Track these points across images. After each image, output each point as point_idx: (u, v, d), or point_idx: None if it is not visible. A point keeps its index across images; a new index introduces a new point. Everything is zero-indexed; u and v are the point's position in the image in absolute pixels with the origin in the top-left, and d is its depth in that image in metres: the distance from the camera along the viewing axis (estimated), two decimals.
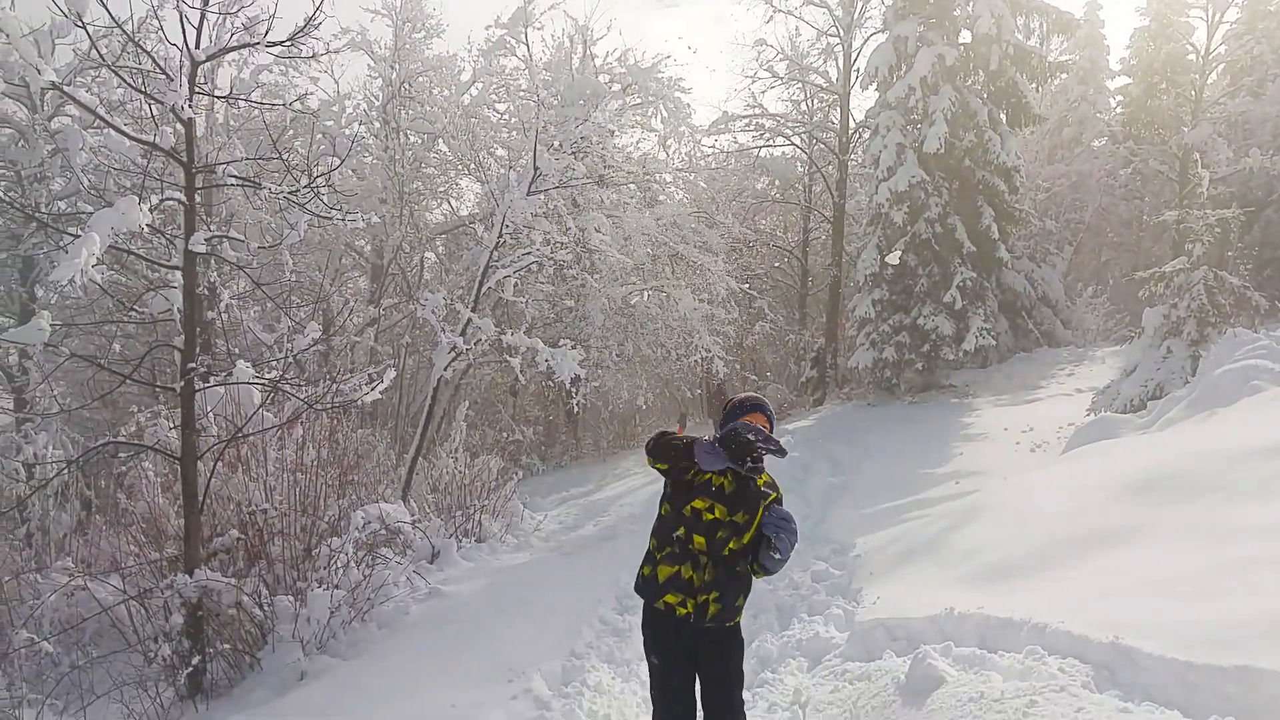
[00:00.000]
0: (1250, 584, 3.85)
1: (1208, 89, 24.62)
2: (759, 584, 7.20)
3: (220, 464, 6.83)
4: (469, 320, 10.47)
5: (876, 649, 5.04)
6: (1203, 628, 3.59)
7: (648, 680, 4.98)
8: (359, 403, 8.04)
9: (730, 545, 3.21)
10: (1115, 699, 3.40)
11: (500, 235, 11.16)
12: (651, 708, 3.51)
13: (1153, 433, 8.31)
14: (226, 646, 6.13)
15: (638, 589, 3.39)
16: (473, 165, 17.50)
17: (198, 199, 6.68)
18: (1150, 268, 13.76)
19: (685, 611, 3.20)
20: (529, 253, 11.44)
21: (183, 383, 6.21)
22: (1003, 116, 18.10)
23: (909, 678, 4.20)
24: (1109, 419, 9.97)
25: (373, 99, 17.72)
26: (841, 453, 12.75)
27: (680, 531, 3.22)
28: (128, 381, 6.95)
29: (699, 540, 3.20)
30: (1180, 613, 3.84)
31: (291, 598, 6.31)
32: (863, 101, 21.75)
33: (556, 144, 12.99)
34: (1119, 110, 27.19)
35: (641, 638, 3.50)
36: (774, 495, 3.40)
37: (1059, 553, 5.25)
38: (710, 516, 3.20)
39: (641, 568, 3.40)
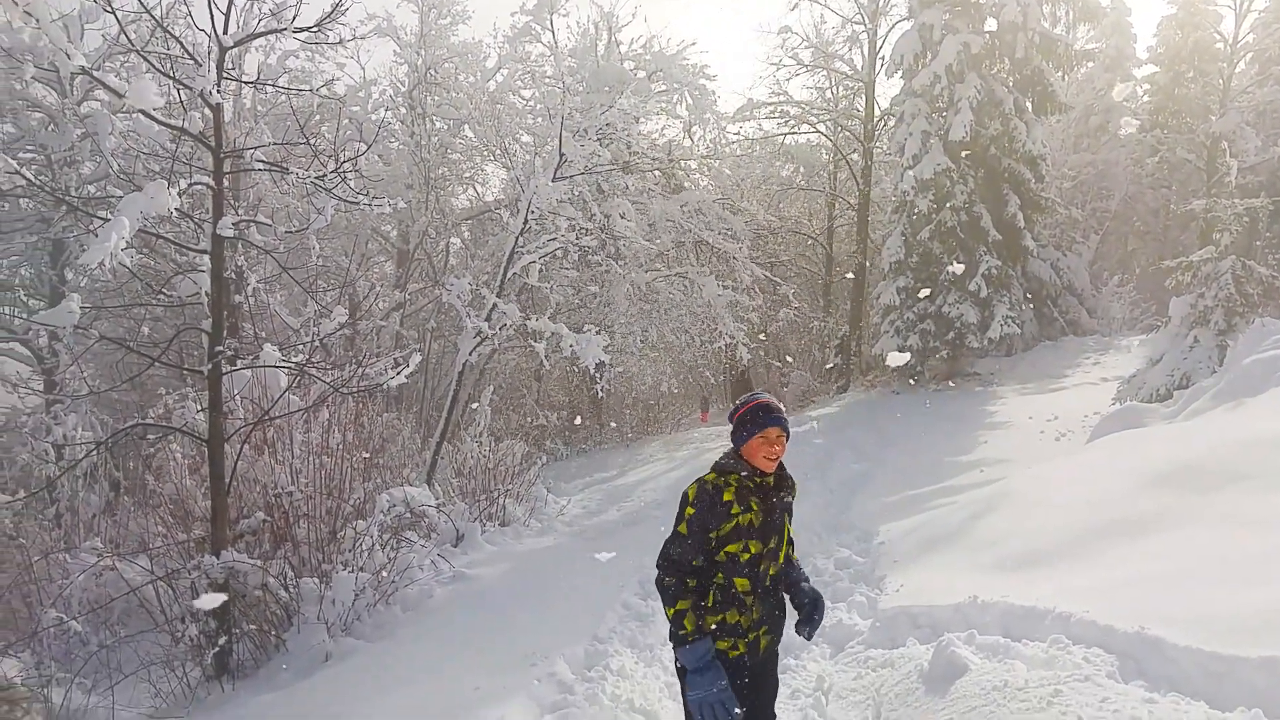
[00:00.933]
0: (1277, 574, 3.81)
1: (1235, 78, 24.19)
2: None
3: (247, 446, 6.91)
4: (494, 305, 10.52)
5: (900, 636, 5.03)
6: (1229, 618, 3.56)
7: (675, 680, 5.03)
8: (385, 387, 8.11)
9: (771, 572, 3.05)
10: (1141, 689, 3.38)
11: (526, 221, 11.19)
12: None
13: (1179, 422, 8.21)
14: (252, 628, 6.22)
15: (674, 638, 2.98)
16: (498, 151, 17.53)
17: (225, 184, 6.75)
18: (1177, 257, 13.57)
19: (737, 654, 2.99)
20: (554, 238, 11.47)
21: (210, 365, 6.28)
22: (1029, 104, 17.89)
23: (932, 665, 4.20)
24: (1134, 408, 9.86)
25: (399, 85, 17.79)
26: (865, 440, 12.71)
27: (720, 579, 2.95)
28: (156, 364, 7.05)
29: (741, 583, 2.96)
30: (1207, 603, 3.81)
31: (317, 580, 6.39)
32: (888, 89, 21.54)
33: (582, 130, 12.97)
34: (1146, 99, 26.78)
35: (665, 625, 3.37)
36: (795, 493, 3.20)
37: (1083, 542, 5.21)
38: (746, 556, 2.95)
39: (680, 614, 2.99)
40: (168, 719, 5.13)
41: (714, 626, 2.94)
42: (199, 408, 8.40)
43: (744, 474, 2.96)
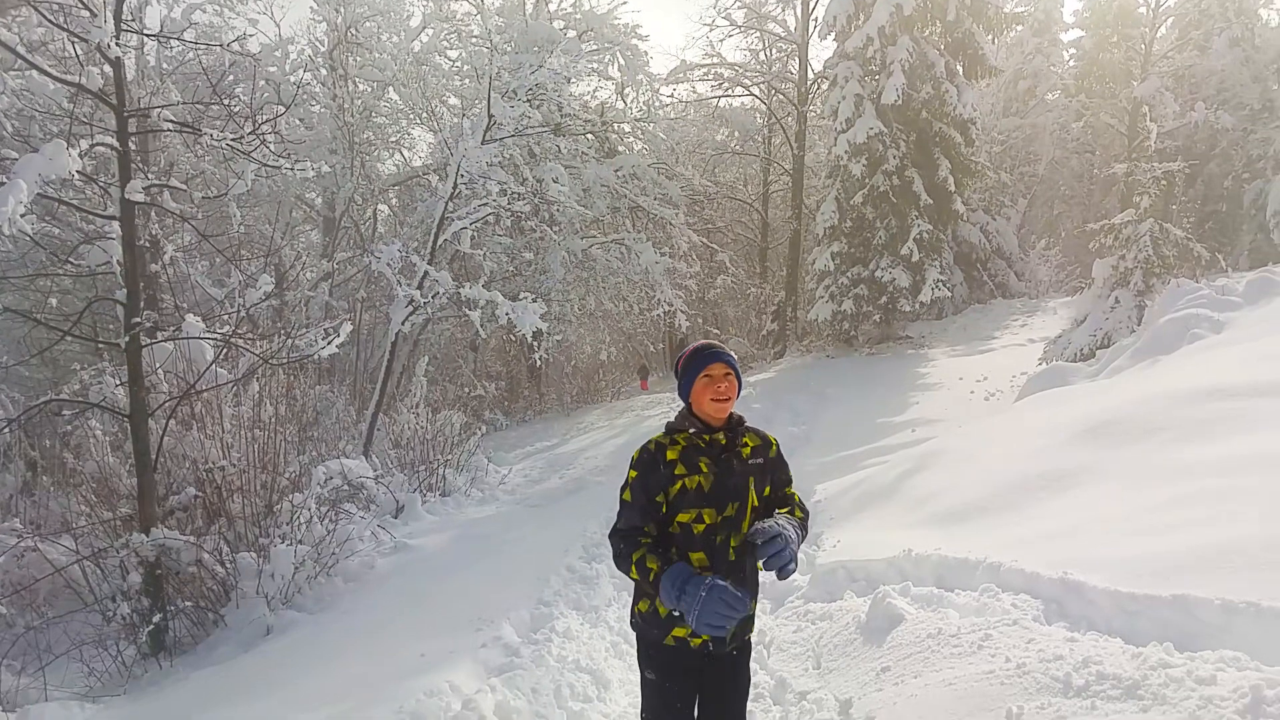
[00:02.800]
0: (1189, 519, 4.00)
1: (1157, 43, 24.92)
2: None
3: (173, 422, 6.71)
4: (425, 273, 10.33)
5: (837, 590, 5.16)
6: (1145, 561, 3.72)
7: (620, 640, 5.08)
8: (316, 359, 7.92)
9: (733, 544, 2.65)
10: (1063, 630, 3.53)
11: (455, 186, 10.98)
12: None
13: (1101, 380, 8.53)
14: (188, 604, 6.09)
15: (635, 626, 2.80)
16: (425, 114, 17.13)
17: (132, 146, 6.45)
18: (1100, 220, 14.01)
19: (700, 641, 2.67)
20: (485, 203, 11.29)
21: (128, 338, 6.05)
22: (959, 68, 18.15)
23: (869, 617, 4.32)
24: (1060, 368, 10.21)
25: (317, 44, 17.19)
26: (802, 403, 12.92)
27: (674, 554, 2.61)
28: (68, 338, 6.75)
29: (697, 558, 2.61)
30: (1125, 548, 3.97)
31: (254, 554, 6.27)
32: (821, 52, 21.79)
33: (511, 91, 12.74)
34: (1071, 64, 27.45)
35: (603, 581, 3.18)
36: (772, 452, 2.80)
37: (1012, 495, 5.39)
38: (700, 527, 2.61)
39: (636, 603, 2.78)
40: (103, 697, 4.99)
41: (669, 613, 2.63)
42: (118, 382, 8.08)
43: (691, 431, 2.67)
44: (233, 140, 6.44)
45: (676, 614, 2.57)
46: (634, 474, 2.66)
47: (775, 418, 12.22)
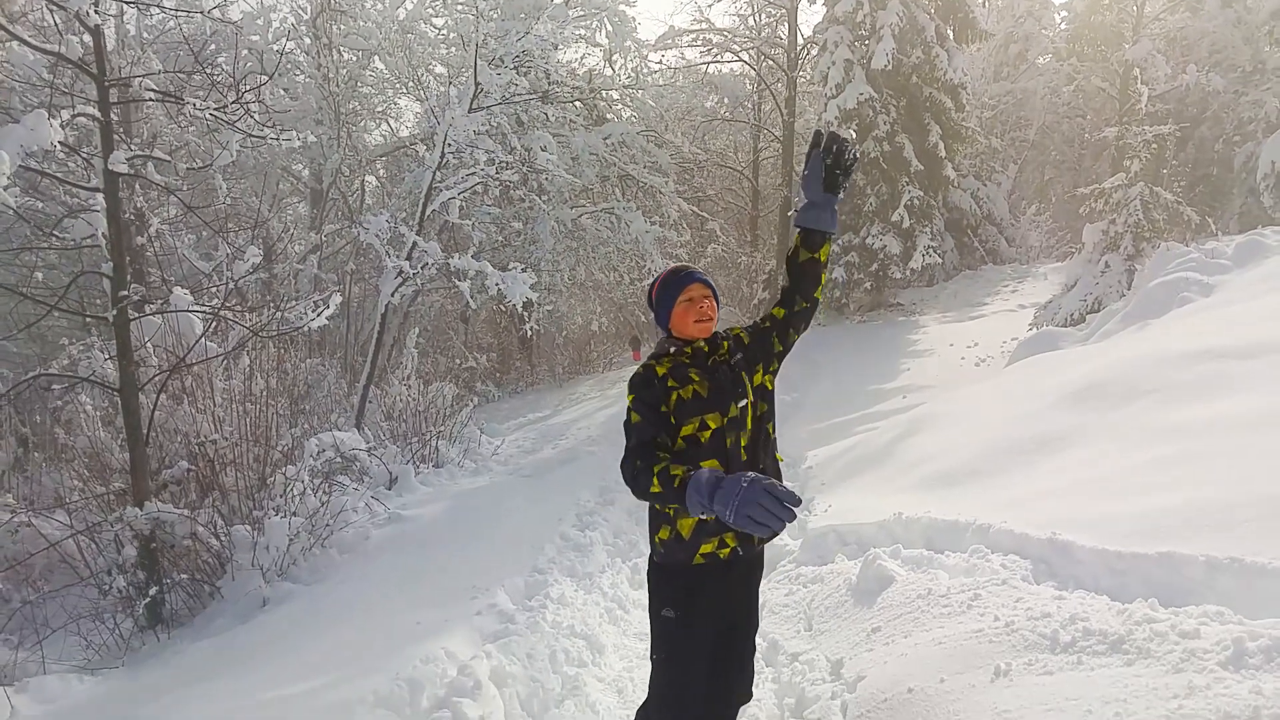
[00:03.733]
0: (1176, 478, 4.04)
1: (1148, 4, 24.73)
2: None
3: (163, 395, 6.69)
4: (414, 244, 10.27)
5: (828, 553, 5.22)
6: (1132, 520, 3.77)
7: (615, 606, 5.14)
8: (306, 331, 7.88)
9: (744, 444, 2.60)
10: (1051, 589, 3.58)
11: (443, 155, 10.89)
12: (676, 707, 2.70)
13: (1091, 344, 8.57)
14: (184, 577, 6.12)
15: (660, 560, 2.69)
16: (411, 83, 16.94)
17: (114, 116, 6.37)
18: (1091, 185, 14.00)
19: (728, 550, 2.59)
20: (473, 173, 11.20)
21: (115, 311, 6.01)
22: (950, 32, 18.00)
23: (860, 579, 4.37)
24: (1050, 332, 10.25)
25: (300, 12, 16.91)
26: (792, 371, 12.92)
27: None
28: (55, 312, 6.71)
29: (709, 464, 2.50)
30: (1113, 508, 4.02)
31: (248, 527, 6.28)
32: (810, 17, 21.59)
33: (498, 58, 12.60)
34: (1064, 27, 27.25)
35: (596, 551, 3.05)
36: (746, 337, 2.76)
37: (1002, 458, 5.44)
38: (707, 434, 2.55)
39: (656, 533, 2.68)
40: (102, 669, 5.02)
41: (693, 530, 2.57)
42: (106, 357, 8.05)
43: (674, 350, 2.64)
44: (216, 110, 6.36)
45: (705, 517, 2.42)
46: (632, 397, 2.61)
47: None
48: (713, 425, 2.56)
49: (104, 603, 5.88)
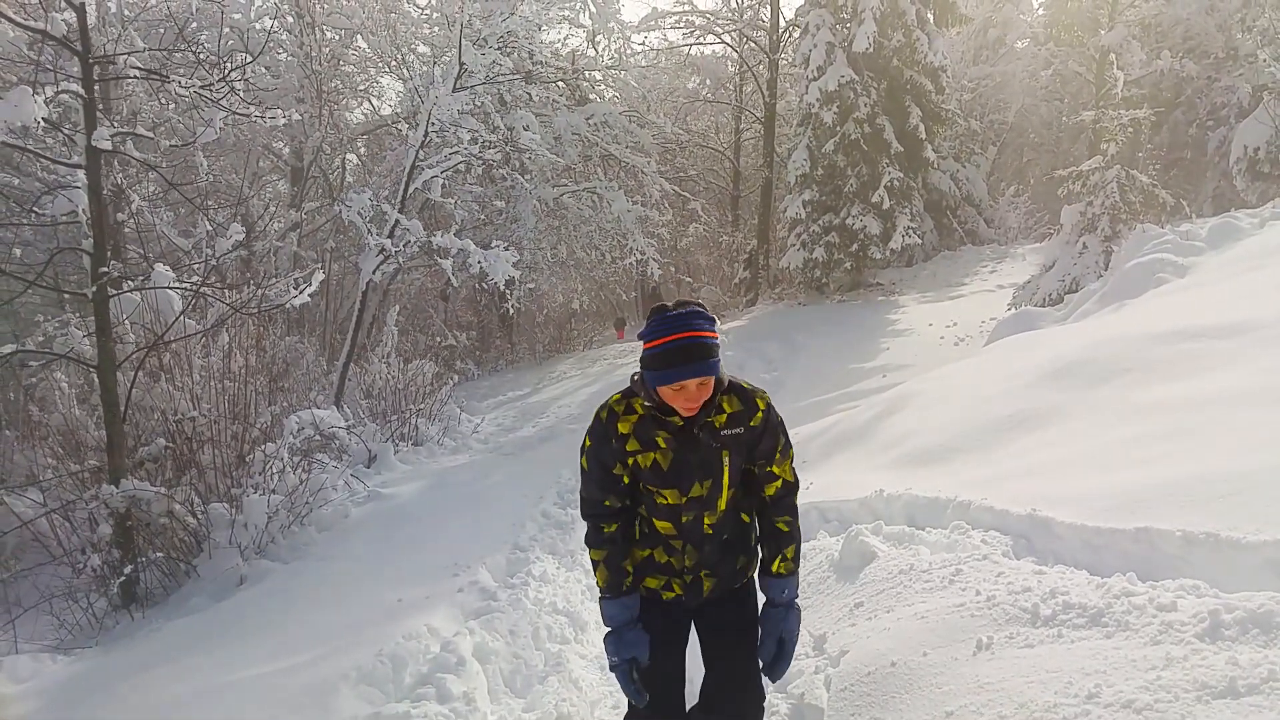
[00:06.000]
0: (1153, 455, 4.09)
1: None
2: None
3: (141, 373, 6.61)
4: (396, 222, 10.17)
5: (811, 530, 5.24)
6: (1110, 496, 3.81)
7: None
8: (286, 309, 7.81)
9: (707, 522, 2.39)
10: (1031, 564, 3.62)
11: (426, 134, 10.78)
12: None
13: (1069, 324, 8.65)
14: (160, 555, 6.06)
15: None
16: (394, 62, 16.72)
17: (96, 93, 6.26)
18: (1068, 167, 14.08)
19: (673, 595, 2.47)
20: (456, 152, 11.09)
21: (95, 288, 5.93)
22: (930, 16, 18.00)
23: (842, 555, 4.40)
24: (1028, 312, 10.33)
25: None
26: (774, 351, 13.00)
27: (643, 511, 2.45)
28: (33, 288, 6.61)
29: (664, 526, 2.41)
30: (1091, 484, 4.06)
31: (226, 504, 6.24)
32: (793, 0, 21.38)
33: (482, 39, 12.46)
34: (1041, 12, 27.34)
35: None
36: (755, 419, 2.36)
37: (982, 436, 5.48)
38: (664, 502, 2.36)
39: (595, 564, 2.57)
40: (75, 649, 4.98)
41: (640, 561, 2.48)
42: (84, 334, 7.93)
43: (648, 404, 2.28)
44: (202, 88, 6.26)
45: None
46: (588, 443, 2.38)
47: (748, 365, 12.30)
48: (670, 500, 2.36)
49: (77, 581, 5.82)
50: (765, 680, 2.64)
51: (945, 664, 3.00)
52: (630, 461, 2.32)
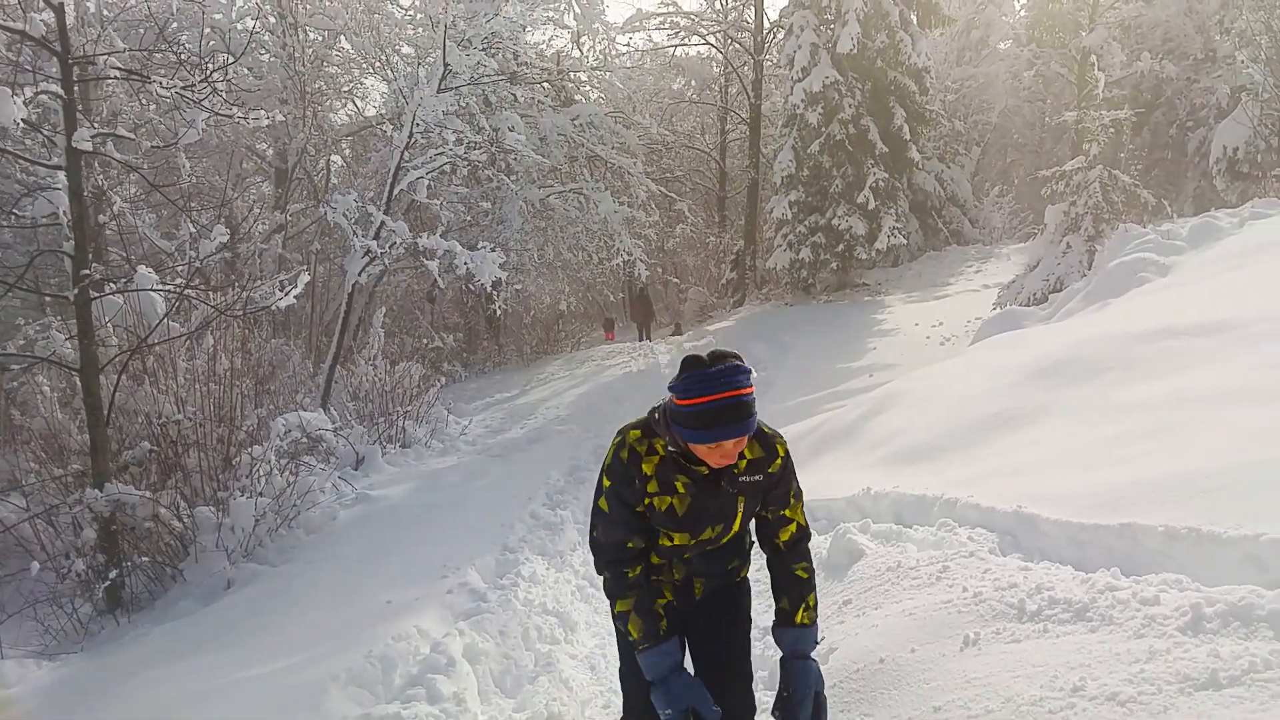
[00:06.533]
0: (1136, 452, 4.13)
1: None
2: None
3: (124, 376, 6.57)
4: (382, 223, 10.15)
5: None
6: (1095, 493, 3.84)
7: (586, 584, 5.14)
8: (271, 312, 7.78)
9: (709, 550, 2.41)
10: (1018, 560, 3.65)
11: (411, 135, 10.76)
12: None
13: (1053, 323, 8.72)
14: (145, 559, 6.01)
15: (622, 641, 2.50)
16: (378, 64, 16.66)
17: (75, 94, 6.21)
18: (1052, 167, 14.19)
19: (665, 600, 2.41)
20: (441, 153, 11.08)
21: (77, 290, 5.89)
22: (913, 17, 18.12)
23: (830, 553, 4.42)
24: (1013, 312, 10.41)
25: None
26: (761, 351, 13.04)
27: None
28: (13, 291, 6.55)
29: (658, 560, 2.39)
30: (1076, 481, 4.10)
31: (213, 508, 6.20)
32: (777, 1, 21.46)
33: (466, 39, 12.44)
34: (1023, 14, 27.57)
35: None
36: (774, 466, 2.33)
37: (968, 434, 5.52)
38: (668, 544, 2.34)
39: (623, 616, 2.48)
40: (60, 655, 4.94)
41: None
42: (66, 337, 7.87)
43: (672, 449, 2.21)
44: (183, 88, 6.23)
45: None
46: (607, 483, 2.28)
47: None
48: (676, 541, 2.32)
49: (61, 586, 5.78)
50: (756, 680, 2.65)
51: (933, 660, 3.03)
52: (646, 502, 2.26)
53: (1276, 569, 2.78)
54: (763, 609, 3.45)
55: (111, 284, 7.20)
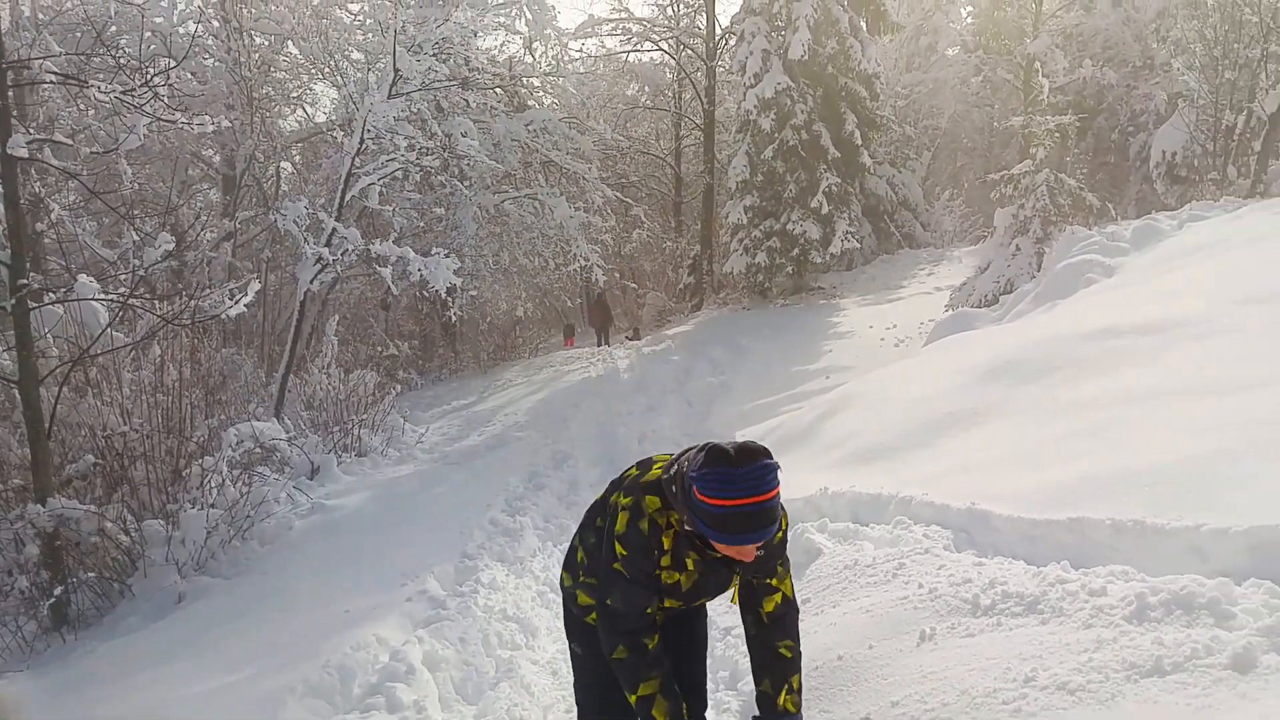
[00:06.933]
0: (1085, 449, 4.24)
1: (1046, 2, 25.67)
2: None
3: (66, 388, 6.39)
4: (333, 230, 10.01)
5: None
6: (1045, 489, 3.94)
7: (546, 590, 5.12)
8: (222, 321, 7.62)
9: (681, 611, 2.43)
10: (971, 556, 3.72)
11: (362, 141, 10.63)
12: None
13: (1004, 324, 8.90)
14: (92, 575, 5.85)
15: (564, 597, 2.56)
16: (327, 69, 16.44)
17: (10, 99, 6.04)
18: (1000, 171, 14.50)
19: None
20: (393, 159, 10.96)
21: (14, 300, 5.71)
22: (863, 24, 18.37)
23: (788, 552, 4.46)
24: (965, 313, 10.59)
25: None
26: (719, 355, 13.11)
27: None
28: None
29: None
30: (1027, 478, 4.20)
31: (162, 521, 6.06)
32: (729, 7, 21.72)
33: (417, 45, 12.33)
34: (969, 21, 28.16)
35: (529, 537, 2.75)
36: (775, 538, 2.26)
37: (922, 434, 5.62)
38: (650, 608, 2.28)
39: (564, 571, 2.59)
40: (4, 673, 4.78)
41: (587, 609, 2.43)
42: (3, 348, 7.64)
43: (688, 528, 2.13)
44: (123, 93, 6.08)
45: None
46: (622, 551, 2.19)
47: (694, 370, 12.39)
48: (668, 605, 2.31)
49: (4, 605, 5.60)
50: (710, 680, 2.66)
51: (890, 655, 3.07)
52: (656, 573, 2.20)
53: (1217, 558, 2.88)
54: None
55: (51, 294, 6.99)
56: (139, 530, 5.94)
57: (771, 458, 2.04)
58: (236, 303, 6.90)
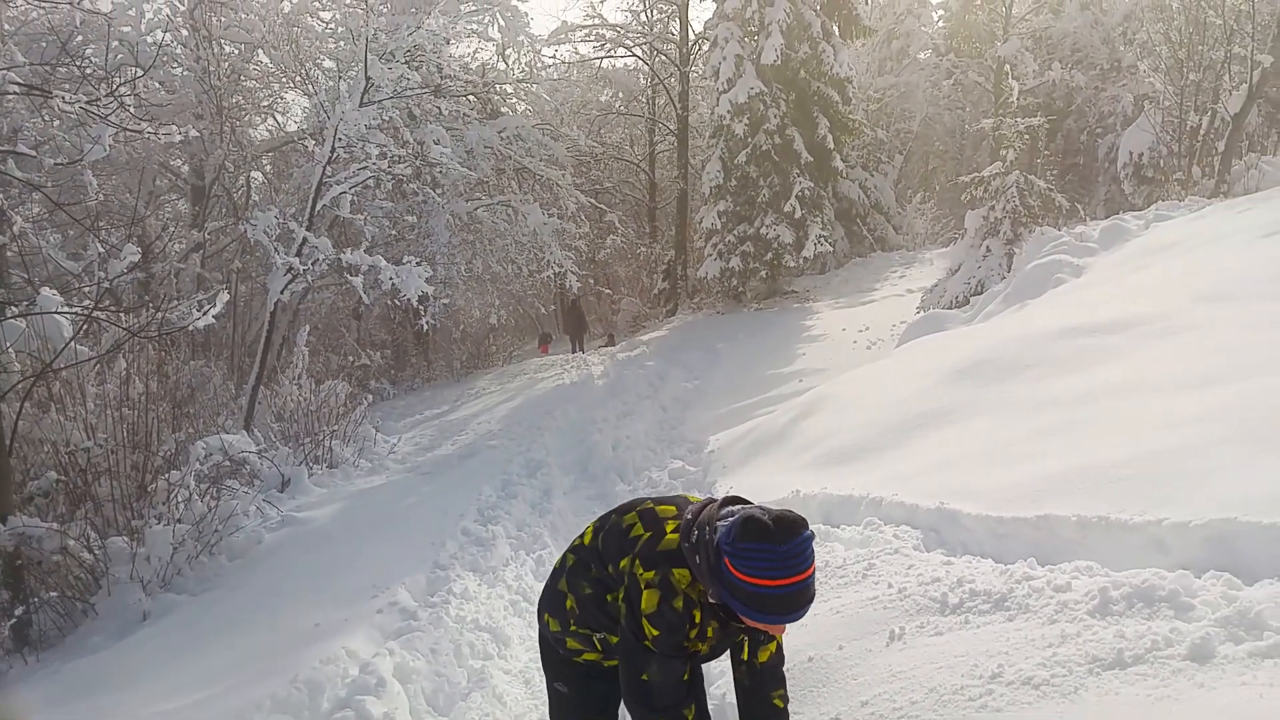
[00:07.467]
0: (1052, 447, 4.28)
1: (1016, 5, 25.99)
2: (619, 487, 7.28)
3: (28, 403, 6.27)
4: (304, 240, 9.92)
5: None
6: (1013, 487, 3.96)
7: (519, 599, 5.06)
8: (190, 332, 7.52)
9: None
10: (941, 555, 3.74)
11: (333, 150, 10.56)
12: None
13: (975, 324, 8.97)
14: (54, 594, 5.73)
15: (544, 638, 2.52)
16: (298, 78, 16.33)
17: None
18: (971, 173, 14.62)
19: (614, 663, 2.33)
20: (365, 167, 10.90)
21: None
22: (835, 28, 18.49)
23: None
24: (937, 315, 10.65)
25: (176, 4, 16.05)
26: (694, 359, 13.11)
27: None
28: None
29: None
30: (996, 477, 4.22)
31: (126, 538, 5.95)
32: (701, 13, 21.81)
33: (389, 53, 12.28)
34: (941, 24, 28.45)
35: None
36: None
37: (893, 435, 5.64)
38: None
39: (543, 614, 2.50)
40: None
41: (581, 659, 2.40)
42: None
43: (713, 601, 2.09)
44: (88, 104, 5.99)
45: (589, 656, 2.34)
46: (655, 632, 2.10)
47: (669, 374, 12.38)
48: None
49: None
50: None
51: (860, 655, 3.07)
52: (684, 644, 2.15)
53: (1178, 551, 2.91)
54: None
55: (13, 307, 6.87)
56: (103, 547, 5.82)
57: (808, 527, 1.97)
58: (205, 314, 6.82)
